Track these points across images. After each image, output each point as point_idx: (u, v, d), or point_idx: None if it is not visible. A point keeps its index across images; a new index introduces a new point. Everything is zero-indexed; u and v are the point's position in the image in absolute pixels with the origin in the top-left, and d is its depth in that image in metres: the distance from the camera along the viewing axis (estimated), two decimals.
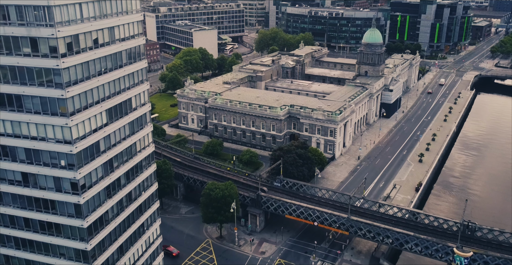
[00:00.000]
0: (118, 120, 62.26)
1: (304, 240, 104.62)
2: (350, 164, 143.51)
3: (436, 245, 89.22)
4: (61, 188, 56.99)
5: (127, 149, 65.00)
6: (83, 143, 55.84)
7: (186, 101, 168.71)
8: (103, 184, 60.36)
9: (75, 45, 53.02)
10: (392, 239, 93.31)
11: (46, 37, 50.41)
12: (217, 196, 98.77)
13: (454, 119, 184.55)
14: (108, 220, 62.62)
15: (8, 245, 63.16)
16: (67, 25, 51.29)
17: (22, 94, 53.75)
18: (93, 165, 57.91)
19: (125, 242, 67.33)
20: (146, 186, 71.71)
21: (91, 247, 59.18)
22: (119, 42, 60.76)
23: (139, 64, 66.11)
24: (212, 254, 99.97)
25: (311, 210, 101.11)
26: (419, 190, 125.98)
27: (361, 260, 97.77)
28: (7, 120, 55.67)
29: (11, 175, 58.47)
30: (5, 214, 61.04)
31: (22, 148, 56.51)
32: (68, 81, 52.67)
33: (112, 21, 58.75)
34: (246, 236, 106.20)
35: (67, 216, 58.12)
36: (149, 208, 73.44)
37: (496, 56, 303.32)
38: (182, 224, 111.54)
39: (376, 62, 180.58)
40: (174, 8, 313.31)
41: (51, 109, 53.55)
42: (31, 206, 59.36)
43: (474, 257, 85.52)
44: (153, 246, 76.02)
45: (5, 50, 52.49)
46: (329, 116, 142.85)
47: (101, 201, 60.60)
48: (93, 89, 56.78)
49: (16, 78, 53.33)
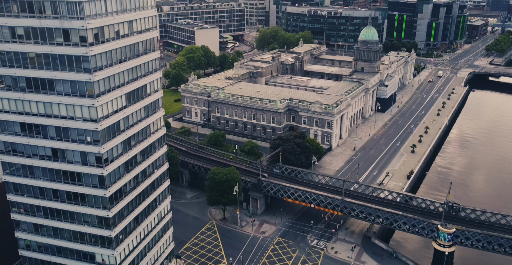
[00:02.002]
0: (135, 103, 70.20)
1: (301, 221, 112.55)
2: (346, 154, 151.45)
3: (422, 223, 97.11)
4: (87, 161, 64.92)
5: (142, 129, 72.95)
6: (107, 121, 63.80)
7: (190, 96, 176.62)
8: (122, 159, 68.30)
9: (101, 36, 60.97)
10: (383, 219, 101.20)
11: (77, 28, 58.37)
12: (221, 179, 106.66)
13: (447, 113, 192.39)
14: (126, 192, 70.51)
15: (38, 215, 71.04)
16: (94, 18, 59.28)
17: (54, 78, 61.72)
18: (114, 142, 65.86)
19: (140, 214, 75.24)
20: (158, 164, 79.63)
21: (112, 214, 67.09)
22: (136, 34, 68.72)
23: (153, 55, 74.05)
24: (216, 234, 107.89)
25: (308, 193, 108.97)
26: (410, 178, 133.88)
27: (354, 238, 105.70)
28: (40, 102, 63.63)
29: (42, 150, 66.42)
30: (36, 186, 68.93)
31: (53, 126, 64.42)
32: (95, 67, 60.64)
33: (131, 16, 66.72)
34: (247, 218, 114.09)
35: (92, 186, 66.01)
36: (160, 185, 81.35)
37: (490, 54, 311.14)
38: (187, 208, 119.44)
39: (372, 58, 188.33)
40: (177, 7, 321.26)
41: (80, 92, 61.51)
42: (59, 178, 67.25)
43: (457, 233, 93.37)
44: (164, 220, 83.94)
45: (40, 40, 60.46)
46: (326, 109, 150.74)
47: (121, 175, 68.52)
48: (115, 75, 64.70)
49: (49, 64, 61.31)
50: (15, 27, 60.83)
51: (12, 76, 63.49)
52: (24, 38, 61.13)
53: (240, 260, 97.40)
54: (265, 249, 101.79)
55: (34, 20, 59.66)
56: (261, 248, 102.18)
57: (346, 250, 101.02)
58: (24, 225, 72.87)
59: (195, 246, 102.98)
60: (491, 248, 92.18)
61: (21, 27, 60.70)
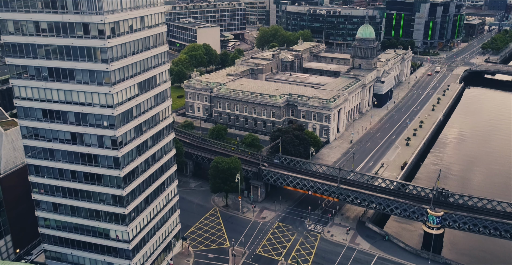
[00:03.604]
0: (146, 92, 76.71)
1: (300, 208, 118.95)
2: (343, 147, 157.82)
3: (413, 207, 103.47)
4: (103, 144, 71.41)
5: (152, 117, 79.48)
6: (121, 108, 70.27)
7: (192, 92, 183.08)
8: (135, 143, 74.79)
9: (117, 30, 67.46)
10: (376, 204, 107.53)
11: (96, 23, 64.84)
12: (224, 167, 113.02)
13: (441, 109, 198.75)
14: (138, 174, 76.96)
15: (57, 194, 77.51)
16: (111, 13, 65.75)
17: (74, 68, 68.17)
18: (128, 127, 72.34)
19: (150, 195, 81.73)
20: (166, 150, 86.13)
21: (125, 193, 73.54)
22: (147, 29, 75.23)
23: (162, 48, 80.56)
24: (219, 219, 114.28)
25: (306, 180, 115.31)
26: (404, 168, 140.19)
27: (349, 223, 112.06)
28: (60, 90, 70.13)
29: (62, 134, 72.92)
30: (55, 168, 75.41)
31: (72, 112, 70.93)
32: (111, 57, 67.09)
33: (143, 12, 73.20)
34: (248, 205, 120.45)
35: (107, 167, 72.45)
36: (168, 169, 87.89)
37: (486, 52, 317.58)
38: (192, 196, 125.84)
39: (369, 55, 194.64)
40: (179, 7, 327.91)
41: (98, 80, 68.00)
42: (77, 160, 73.72)
43: (445, 217, 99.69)
44: (171, 202, 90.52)
45: (62, 33, 66.89)
46: (324, 103, 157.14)
47: (133, 157, 75.00)
48: (128, 65, 71.18)
49: (70, 55, 67.79)
50: (39, 21, 67.41)
51: (36, 67, 70.05)
52: (47, 32, 67.65)
53: (242, 242, 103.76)
54: (265, 232, 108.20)
55: (57, 15, 66.23)
56: (262, 231, 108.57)
57: (342, 233, 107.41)
58: (44, 204, 79.36)
59: (199, 230, 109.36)
60: (476, 230, 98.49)
61: (44, 22, 67.28)
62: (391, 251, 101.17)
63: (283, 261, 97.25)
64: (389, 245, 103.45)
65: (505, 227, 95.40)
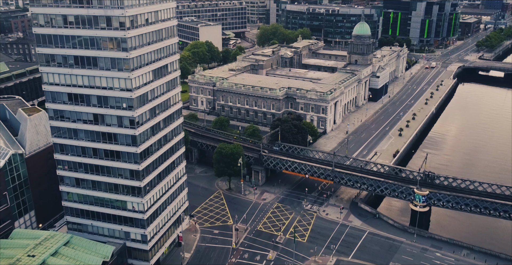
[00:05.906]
0: (159, 79, 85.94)
1: (297, 190, 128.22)
2: (339, 137, 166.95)
3: (401, 188, 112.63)
4: (122, 124, 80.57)
5: (164, 101, 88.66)
6: (138, 91, 79.45)
7: (196, 86, 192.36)
8: (149, 124, 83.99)
9: (135, 22, 76.60)
10: (367, 185, 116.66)
11: (117, 16, 73.98)
12: (227, 153, 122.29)
13: (434, 102, 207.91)
14: (152, 152, 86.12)
15: (79, 170, 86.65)
16: (131, 8, 74.86)
17: (97, 56, 77.35)
18: (144, 109, 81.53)
19: (162, 172, 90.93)
20: (176, 132, 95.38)
21: (141, 168, 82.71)
22: (161, 22, 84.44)
23: (173, 40, 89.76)
24: (223, 200, 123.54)
25: (303, 165, 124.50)
26: (396, 156, 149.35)
27: (343, 204, 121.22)
28: (85, 76, 79.27)
29: (85, 116, 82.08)
30: (79, 146, 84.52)
31: (95, 95, 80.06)
32: (131, 47, 76.23)
33: (157, 7, 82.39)
34: (250, 188, 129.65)
35: (126, 144, 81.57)
36: (177, 150, 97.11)
37: (481, 50, 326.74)
38: (197, 180, 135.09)
39: (365, 52, 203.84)
40: (181, 6, 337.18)
41: (118, 67, 77.14)
42: (98, 139, 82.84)
43: (430, 195, 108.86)
44: (180, 180, 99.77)
45: (87, 25, 76.08)
46: (321, 96, 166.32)
47: (148, 136, 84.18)
48: (145, 54, 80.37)
49: (94, 45, 76.93)
50: (67, 15, 76.52)
51: (63, 55, 79.22)
52: (74, 24, 76.77)
53: (244, 219, 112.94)
54: (265, 212, 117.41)
55: (83, 10, 75.42)
56: (262, 211, 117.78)
57: (336, 212, 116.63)
58: (67, 179, 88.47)
59: (205, 210, 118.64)
60: (459, 207, 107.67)
61: (71, 16, 76.44)
62: (381, 227, 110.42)
63: (281, 236, 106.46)
64: (379, 222, 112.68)
65: (484, 204, 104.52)
